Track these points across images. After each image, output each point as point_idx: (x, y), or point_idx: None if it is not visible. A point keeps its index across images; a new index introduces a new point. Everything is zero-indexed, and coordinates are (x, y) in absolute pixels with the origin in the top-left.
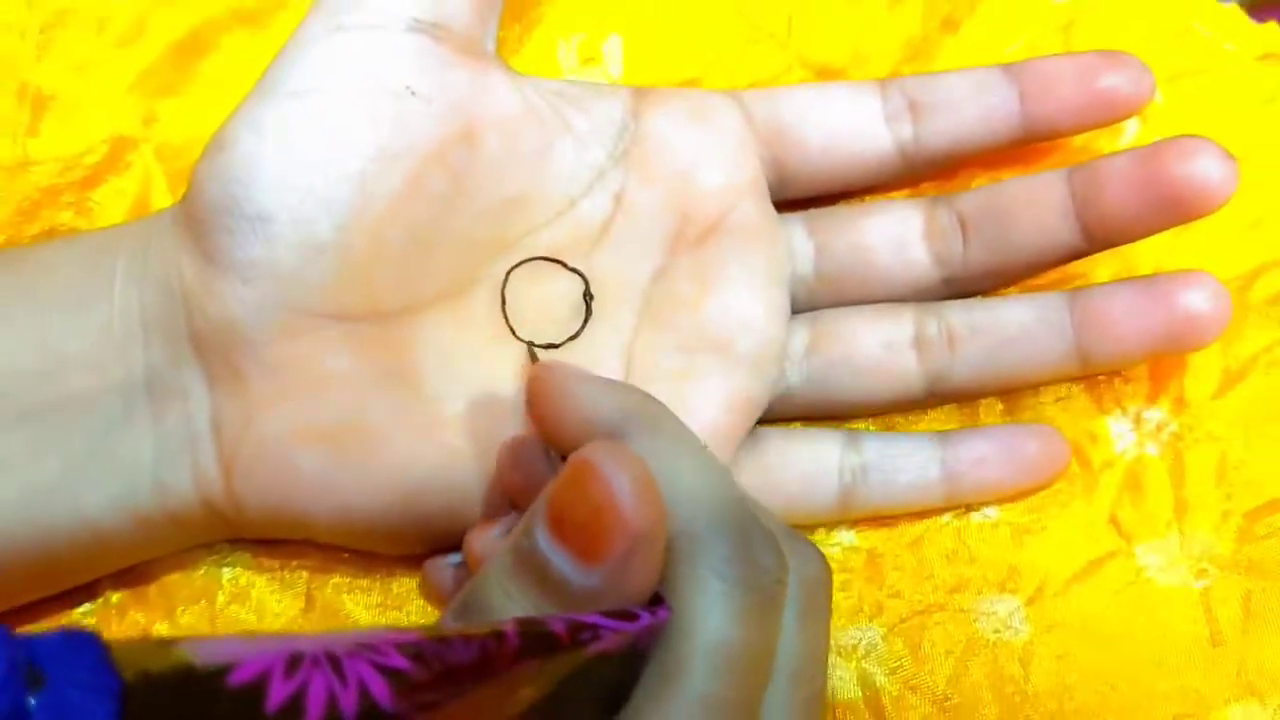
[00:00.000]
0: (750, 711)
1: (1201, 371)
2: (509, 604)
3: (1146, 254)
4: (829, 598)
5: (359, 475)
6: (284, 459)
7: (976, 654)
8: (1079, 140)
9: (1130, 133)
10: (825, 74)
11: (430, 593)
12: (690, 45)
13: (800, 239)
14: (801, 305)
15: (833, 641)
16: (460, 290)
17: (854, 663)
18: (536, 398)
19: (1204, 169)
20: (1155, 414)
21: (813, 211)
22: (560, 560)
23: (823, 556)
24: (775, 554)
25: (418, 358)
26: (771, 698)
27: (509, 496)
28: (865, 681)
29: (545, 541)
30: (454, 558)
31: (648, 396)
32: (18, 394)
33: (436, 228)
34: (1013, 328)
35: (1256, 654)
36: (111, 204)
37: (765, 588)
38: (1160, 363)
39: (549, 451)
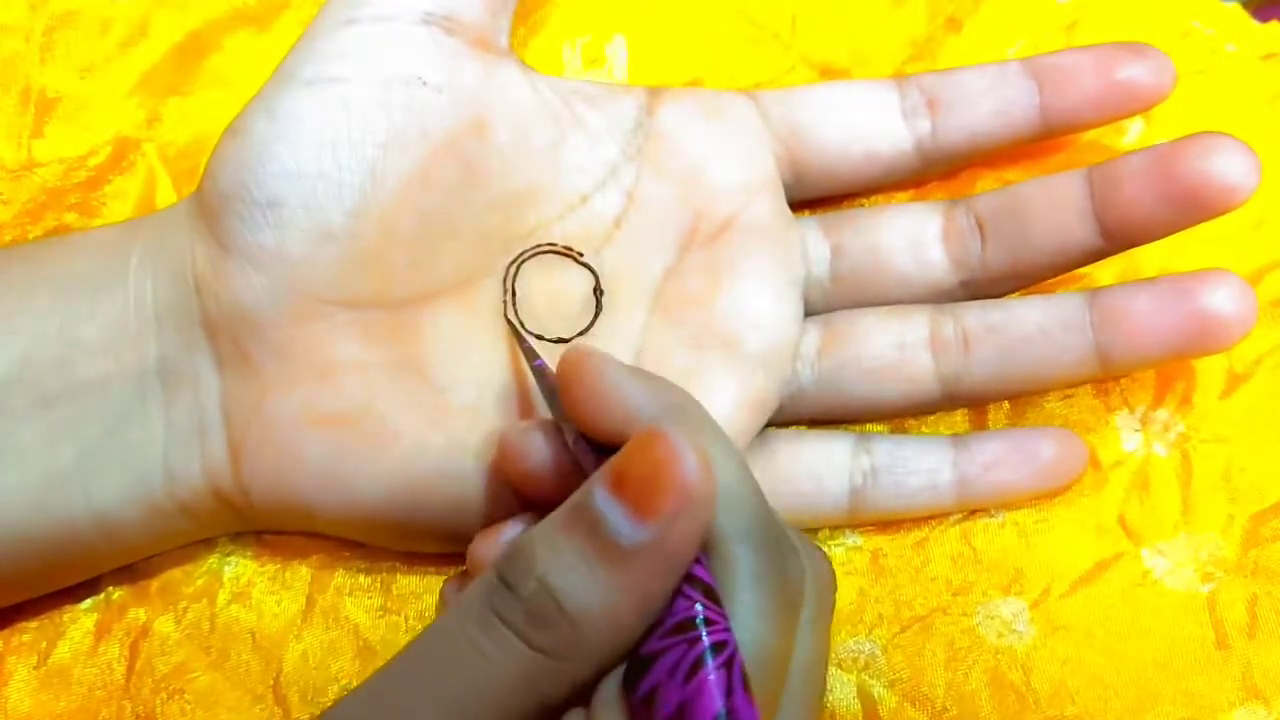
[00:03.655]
0: (770, 712)
1: (1207, 372)
2: (554, 555)
3: (1151, 254)
4: (834, 602)
5: (366, 463)
6: (292, 445)
7: (978, 660)
8: (1085, 136)
9: (1134, 132)
10: (829, 74)
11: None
12: (694, 46)
13: (816, 240)
14: (817, 307)
15: (833, 653)
16: (470, 281)
17: (854, 674)
18: (573, 383)
19: (1224, 165)
20: (1162, 414)
21: (829, 213)
22: (614, 514)
23: (829, 561)
24: (798, 561)
25: (427, 347)
26: (785, 696)
27: (517, 487)
28: (864, 694)
29: (602, 497)
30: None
31: (685, 393)
32: (35, 382)
33: (447, 217)
34: (1029, 328)
35: (1262, 658)
36: (116, 204)
37: (791, 595)
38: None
39: (577, 438)
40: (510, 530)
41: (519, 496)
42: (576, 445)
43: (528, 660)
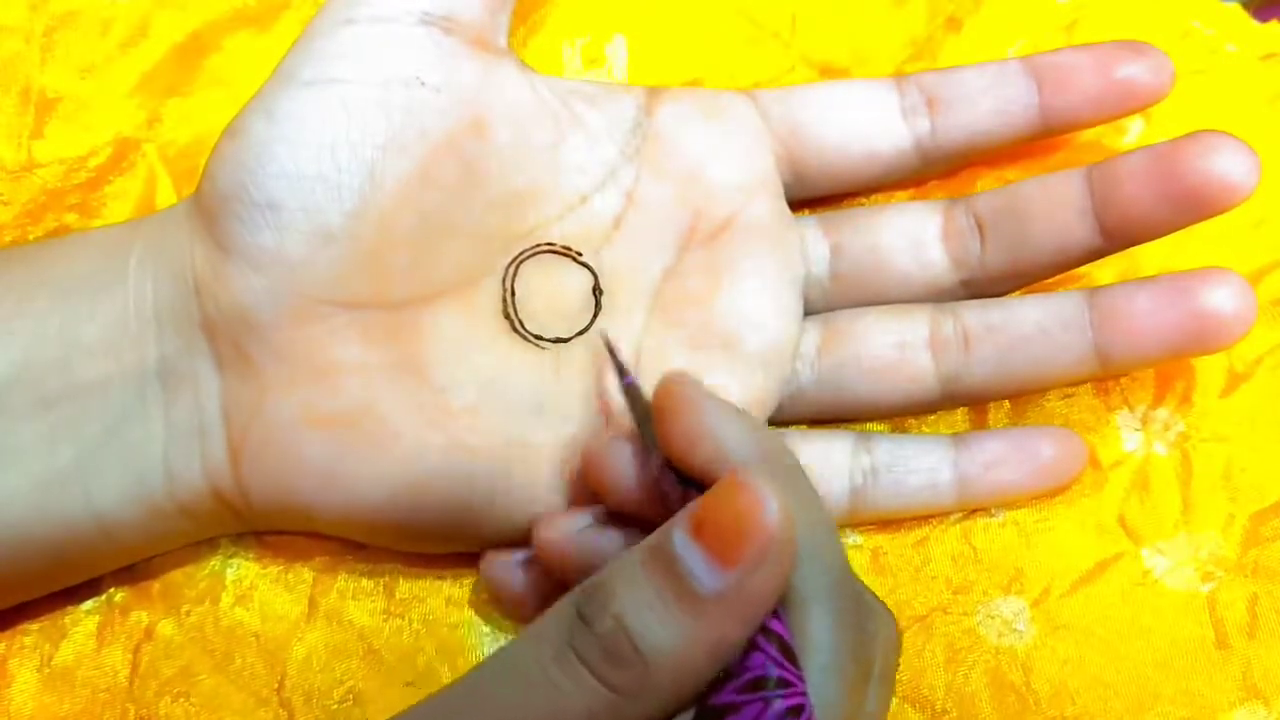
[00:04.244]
0: None
1: (1207, 371)
2: (631, 594)
3: (1152, 254)
4: (898, 663)
5: (365, 464)
6: (291, 445)
7: (978, 661)
8: (1085, 136)
9: (1134, 131)
10: (829, 73)
11: (495, 591)
12: (694, 45)
13: (815, 240)
14: (816, 307)
15: None
16: (470, 281)
17: None
18: (668, 413)
19: (1224, 164)
20: (1162, 413)
21: (828, 212)
22: (693, 559)
23: (895, 620)
24: (874, 625)
25: (427, 347)
26: None
27: (596, 495)
28: None
29: (682, 541)
30: (518, 555)
31: (781, 442)
32: (35, 383)
33: (446, 218)
34: (1029, 327)
35: (1262, 657)
36: (116, 205)
37: (865, 659)
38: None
39: (663, 467)
40: (579, 520)
41: (598, 498)
42: (662, 474)
43: (600, 697)
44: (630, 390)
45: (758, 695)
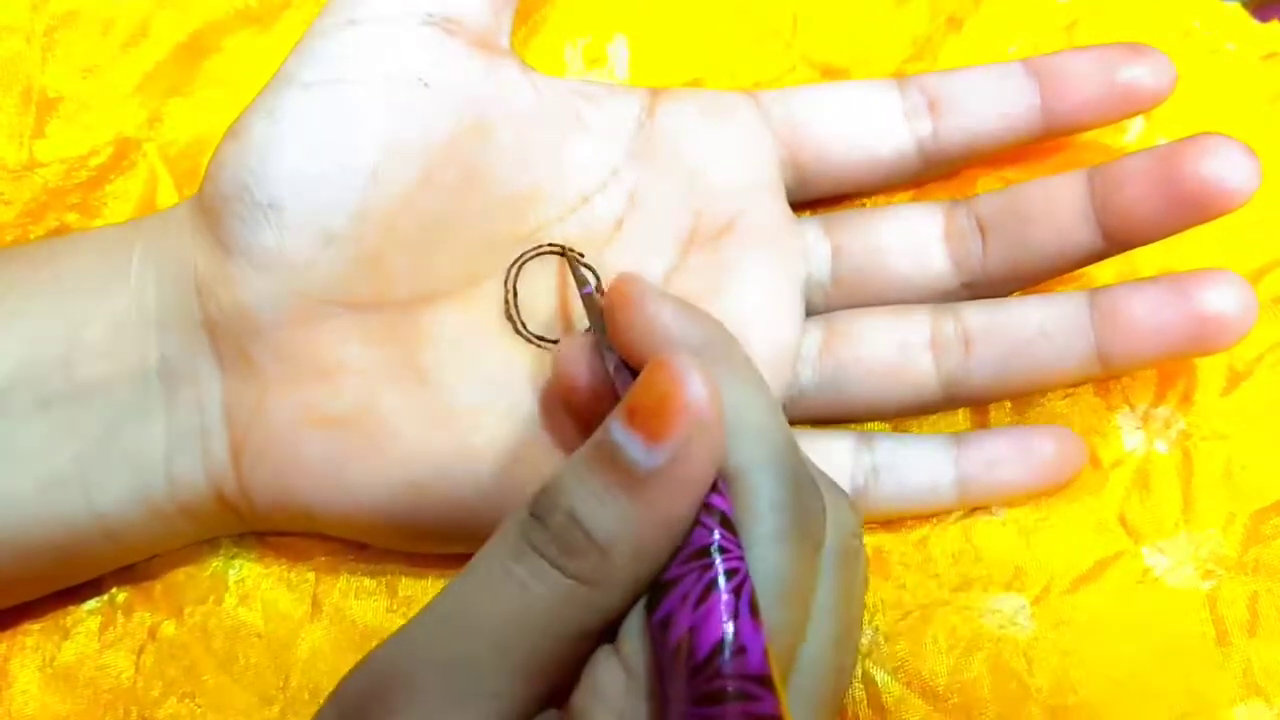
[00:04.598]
0: (795, 640)
1: (1208, 369)
2: (579, 487)
3: (1151, 254)
4: (860, 541)
5: (367, 464)
6: (293, 446)
7: (980, 648)
8: (1086, 135)
9: (1135, 130)
10: (830, 73)
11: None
12: (695, 45)
13: (817, 241)
14: (818, 308)
15: None
16: (472, 282)
17: (858, 661)
18: (617, 310)
19: (1224, 166)
20: (1163, 411)
21: (830, 214)
22: (630, 444)
23: (852, 505)
24: (819, 498)
25: (428, 348)
26: (810, 630)
27: (562, 397)
28: (867, 680)
29: (618, 429)
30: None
31: (721, 327)
32: (36, 383)
33: (448, 219)
34: (1030, 329)
35: (1262, 655)
36: (117, 204)
37: (810, 529)
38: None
39: (618, 365)
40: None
41: (568, 411)
42: (617, 372)
43: (564, 588)
44: (588, 300)
45: (697, 564)
